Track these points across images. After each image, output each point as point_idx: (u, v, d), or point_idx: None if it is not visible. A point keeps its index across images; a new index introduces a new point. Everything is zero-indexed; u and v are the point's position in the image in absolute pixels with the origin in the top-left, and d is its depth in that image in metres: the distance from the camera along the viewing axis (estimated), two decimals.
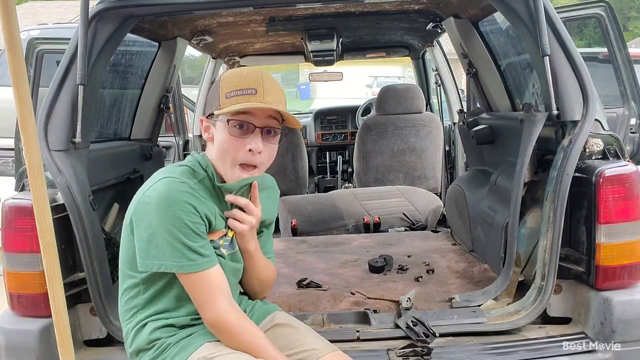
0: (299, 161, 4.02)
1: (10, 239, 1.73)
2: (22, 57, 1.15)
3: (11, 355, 1.71)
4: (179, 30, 2.70)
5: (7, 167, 4.65)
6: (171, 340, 1.34)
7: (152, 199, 1.28)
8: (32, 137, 1.18)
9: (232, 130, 1.32)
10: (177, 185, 1.29)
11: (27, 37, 3.68)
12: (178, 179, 1.31)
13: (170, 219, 1.26)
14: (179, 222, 1.26)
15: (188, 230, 1.27)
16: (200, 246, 1.29)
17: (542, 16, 1.78)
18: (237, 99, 1.30)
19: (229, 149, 1.33)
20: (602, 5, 2.76)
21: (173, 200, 1.27)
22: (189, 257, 1.27)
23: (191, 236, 1.28)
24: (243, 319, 1.34)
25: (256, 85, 1.32)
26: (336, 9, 2.71)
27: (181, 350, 1.31)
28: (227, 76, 1.35)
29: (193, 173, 1.36)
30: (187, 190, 1.29)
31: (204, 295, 1.30)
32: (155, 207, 1.27)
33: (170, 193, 1.28)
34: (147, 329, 1.36)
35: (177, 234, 1.26)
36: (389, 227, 3.29)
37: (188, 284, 1.31)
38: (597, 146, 1.77)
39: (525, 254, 1.91)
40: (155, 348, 1.34)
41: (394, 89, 3.97)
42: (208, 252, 1.32)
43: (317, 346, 1.42)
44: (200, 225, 1.30)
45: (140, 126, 2.75)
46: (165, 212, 1.26)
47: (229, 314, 1.31)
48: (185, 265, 1.28)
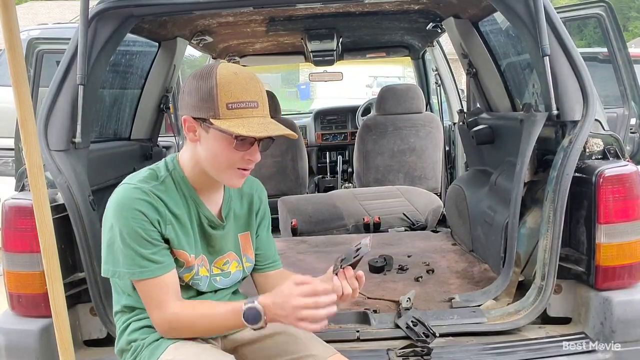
0: (299, 161, 4.02)
1: (10, 239, 1.73)
2: (22, 57, 1.15)
3: (11, 355, 1.71)
4: (179, 30, 2.70)
5: (7, 167, 4.64)
6: (145, 341, 1.34)
7: (109, 205, 1.29)
8: (32, 137, 1.18)
9: (235, 145, 1.26)
10: (129, 192, 1.28)
11: (27, 37, 3.68)
12: (132, 185, 1.29)
13: (122, 225, 1.25)
14: (129, 230, 1.25)
15: (138, 237, 1.25)
16: (151, 253, 1.27)
17: (542, 16, 1.78)
18: (240, 112, 1.24)
19: (227, 159, 1.28)
20: (602, 5, 2.75)
21: (124, 207, 1.26)
22: (140, 264, 1.26)
23: (142, 243, 1.26)
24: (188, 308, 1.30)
25: (256, 97, 1.26)
26: (336, 9, 2.71)
27: (151, 354, 1.31)
28: (226, 82, 1.24)
29: (155, 176, 1.34)
30: (138, 197, 1.27)
31: (153, 300, 1.28)
32: (110, 214, 1.28)
33: (121, 200, 1.27)
34: (129, 330, 1.36)
35: (129, 241, 1.25)
36: (389, 227, 3.29)
37: (139, 289, 1.30)
38: (597, 146, 1.77)
39: (525, 254, 1.91)
40: (132, 350, 1.35)
41: (394, 89, 3.97)
42: (161, 259, 1.29)
43: (316, 351, 1.39)
44: (151, 232, 1.27)
45: (140, 126, 2.75)
46: (118, 218, 1.26)
47: (176, 314, 1.28)
48: (137, 272, 1.27)
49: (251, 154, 1.29)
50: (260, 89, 1.28)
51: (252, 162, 1.30)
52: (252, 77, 1.27)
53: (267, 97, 1.31)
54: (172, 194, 1.33)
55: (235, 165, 1.29)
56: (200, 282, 1.38)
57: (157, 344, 1.32)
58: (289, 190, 3.97)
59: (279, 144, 3.92)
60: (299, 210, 3.37)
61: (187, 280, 1.36)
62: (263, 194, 1.55)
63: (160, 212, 1.29)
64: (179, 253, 1.33)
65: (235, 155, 1.27)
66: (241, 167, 1.30)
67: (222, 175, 1.32)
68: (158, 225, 1.28)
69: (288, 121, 4.00)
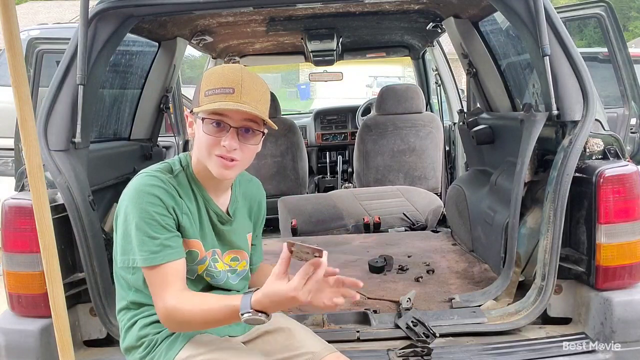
0: (299, 161, 4.02)
1: (10, 239, 1.73)
2: (22, 57, 1.15)
3: (11, 355, 1.71)
4: (179, 30, 2.70)
5: (7, 167, 4.64)
6: (158, 337, 1.34)
7: (125, 193, 1.32)
8: (32, 137, 1.18)
9: (207, 129, 1.30)
10: (146, 179, 1.31)
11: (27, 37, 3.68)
12: (149, 174, 1.33)
13: (138, 211, 1.27)
14: (145, 214, 1.27)
15: (153, 222, 1.27)
16: (165, 239, 1.28)
17: (542, 16, 1.78)
18: (214, 98, 1.28)
19: (206, 146, 1.32)
20: (602, 5, 2.75)
21: (141, 192, 1.28)
22: (152, 249, 1.27)
23: (156, 228, 1.27)
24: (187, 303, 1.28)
25: (234, 84, 1.28)
26: (336, 9, 2.71)
27: (167, 350, 1.32)
28: (208, 73, 1.32)
29: (170, 169, 1.38)
30: (155, 183, 1.30)
31: (160, 286, 1.28)
32: (126, 202, 1.30)
33: (138, 186, 1.30)
34: (137, 326, 1.37)
35: (143, 225, 1.27)
36: (389, 227, 3.29)
37: (148, 276, 1.30)
38: (597, 146, 1.77)
39: (526, 254, 1.91)
40: (144, 346, 1.35)
41: (393, 89, 3.96)
42: (173, 244, 1.30)
43: (315, 349, 1.41)
44: (166, 218, 1.29)
45: (140, 126, 2.75)
46: (134, 204, 1.28)
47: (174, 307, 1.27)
48: (149, 258, 1.27)
49: (225, 140, 1.30)
50: (241, 78, 1.29)
51: (227, 149, 1.30)
52: (237, 69, 1.31)
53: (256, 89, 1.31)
54: (185, 188, 1.37)
55: (213, 152, 1.31)
56: (218, 276, 1.40)
57: (174, 338, 1.32)
58: (289, 190, 3.97)
59: (278, 144, 3.92)
60: (299, 210, 3.37)
61: (201, 272, 1.38)
62: (263, 199, 1.61)
63: (176, 201, 1.32)
64: (193, 243, 1.35)
65: (211, 141, 1.30)
66: (219, 155, 1.31)
67: (208, 165, 1.34)
68: (173, 212, 1.31)
69: (288, 121, 4.00)
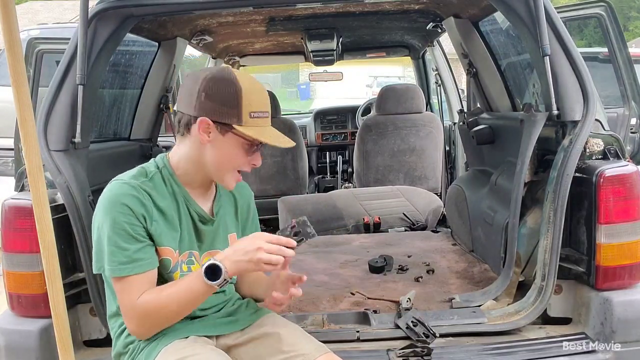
0: (299, 161, 4.02)
1: (10, 239, 1.73)
2: (22, 57, 1.15)
3: (11, 355, 1.71)
4: (178, 30, 2.70)
5: (7, 167, 4.64)
6: (140, 343, 1.34)
7: (99, 202, 1.32)
8: (32, 137, 1.18)
9: (244, 147, 1.35)
10: (117, 188, 1.31)
11: (27, 37, 3.67)
12: (121, 181, 1.32)
13: (109, 221, 1.27)
14: (116, 224, 1.27)
15: (123, 232, 1.27)
16: (134, 251, 1.28)
17: (542, 16, 1.78)
18: (258, 122, 1.33)
19: (234, 161, 1.36)
20: (602, 5, 2.75)
21: (111, 202, 1.28)
22: (120, 260, 1.27)
23: (126, 239, 1.27)
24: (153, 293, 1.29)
25: (269, 108, 1.37)
26: (336, 9, 2.71)
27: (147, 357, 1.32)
28: (249, 91, 1.31)
29: (145, 173, 1.37)
30: (126, 192, 1.29)
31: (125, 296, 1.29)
32: (99, 210, 1.30)
33: (109, 195, 1.30)
34: (125, 332, 1.37)
35: (113, 236, 1.27)
36: (389, 227, 3.29)
37: (116, 287, 1.31)
38: (597, 146, 1.77)
39: (526, 254, 1.91)
40: (129, 352, 1.36)
41: (393, 89, 3.96)
42: (143, 256, 1.30)
43: (307, 350, 1.38)
44: (137, 227, 1.29)
45: (140, 126, 2.75)
46: (106, 214, 1.28)
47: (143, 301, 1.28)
48: (116, 269, 1.27)
49: (255, 159, 1.39)
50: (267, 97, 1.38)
51: (255, 166, 1.40)
52: (264, 88, 1.38)
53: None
54: (161, 189, 1.37)
55: (239, 167, 1.38)
56: None
57: (153, 346, 1.32)
58: (289, 190, 3.97)
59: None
60: (299, 210, 3.36)
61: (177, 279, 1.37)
62: (251, 199, 1.61)
63: (146, 208, 1.31)
64: (164, 250, 1.35)
65: (243, 159, 1.36)
66: (241, 170, 1.38)
67: (224, 176, 1.38)
68: (143, 220, 1.30)
69: (288, 121, 4.00)
